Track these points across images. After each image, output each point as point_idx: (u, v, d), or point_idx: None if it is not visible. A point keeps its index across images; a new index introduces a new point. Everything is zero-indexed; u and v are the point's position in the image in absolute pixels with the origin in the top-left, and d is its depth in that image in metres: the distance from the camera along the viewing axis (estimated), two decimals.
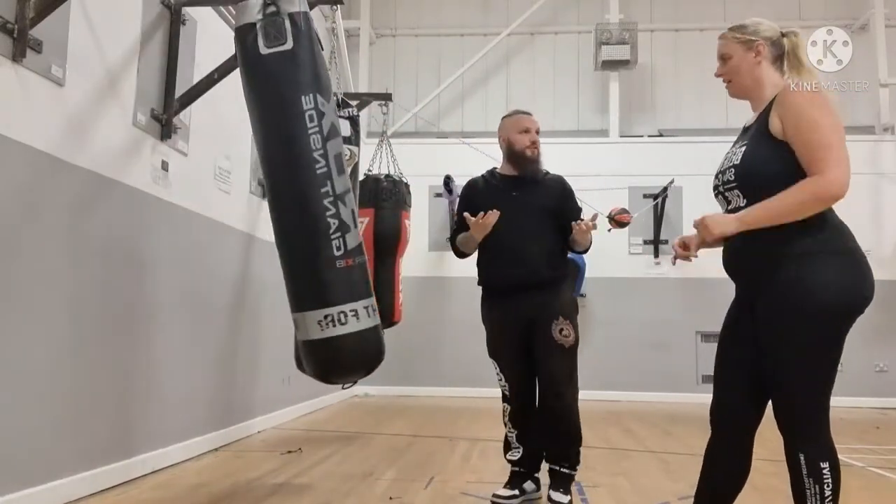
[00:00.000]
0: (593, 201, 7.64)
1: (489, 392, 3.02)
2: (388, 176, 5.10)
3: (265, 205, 5.21)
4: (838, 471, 1.95)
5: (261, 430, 5.02)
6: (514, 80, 9.15)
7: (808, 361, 1.96)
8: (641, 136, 8.91)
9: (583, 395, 3.09)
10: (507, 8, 9.15)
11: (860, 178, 8.27)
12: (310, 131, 2.55)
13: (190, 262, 4.05)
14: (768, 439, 2.34)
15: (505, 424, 3.25)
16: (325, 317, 2.57)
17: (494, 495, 3.13)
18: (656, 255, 8.42)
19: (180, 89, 3.83)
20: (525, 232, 3.09)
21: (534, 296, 3.09)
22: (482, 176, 3.37)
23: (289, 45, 2.53)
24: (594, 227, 3.09)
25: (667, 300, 8.21)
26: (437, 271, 8.47)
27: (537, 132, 3.27)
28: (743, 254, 2.02)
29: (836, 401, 1.89)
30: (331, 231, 2.57)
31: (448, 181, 8.10)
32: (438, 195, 8.40)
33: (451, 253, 3.43)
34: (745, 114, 2.43)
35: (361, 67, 8.96)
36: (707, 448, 2.18)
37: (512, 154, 3.23)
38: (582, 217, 3.17)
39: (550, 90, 9.10)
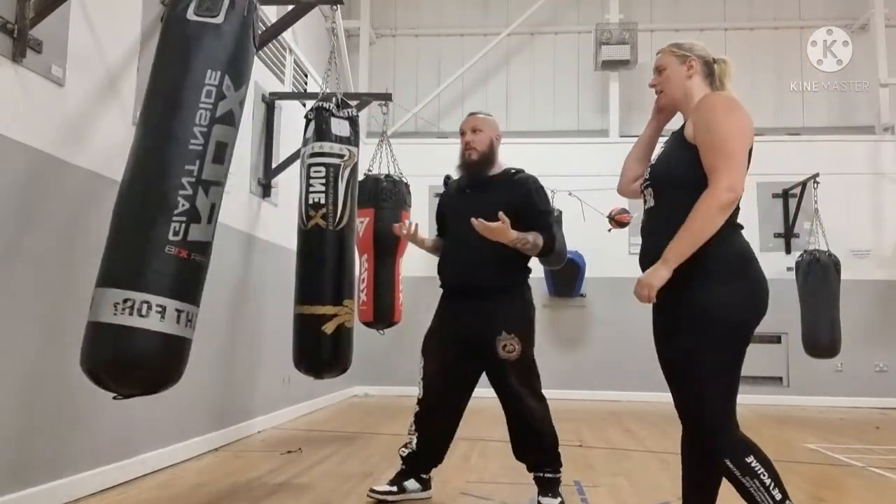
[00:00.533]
0: (593, 201, 7.65)
1: (489, 392, 3.01)
2: (388, 176, 5.10)
3: (265, 205, 5.23)
4: (765, 457, 2.03)
5: (261, 430, 5.02)
6: (514, 80, 9.15)
7: (717, 376, 2.05)
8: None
9: (583, 394, 3.09)
10: (507, 8, 9.15)
11: (860, 178, 8.38)
12: (200, 105, 2.35)
13: None
14: (768, 439, 2.35)
15: (410, 426, 3.18)
16: (126, 300, 2.16)
17: (372, 490, 3.08)
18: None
19: None
20: (473, 235, 2.89)
21: (477, 304, 3.00)
22: (448, 177, 3.43)
23: (219, 19, 2.42)
24: (494, 227, 2.82)
25: None
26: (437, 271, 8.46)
27: (473, 131, 3.12)
28: (654, 256, 2.10)
29: (836, 401, 1.88)
30: (175, 211, 2.26)
31: (448, 181, 8.10)
32: (438, 195, 8.40)
33: None
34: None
35: (361, 67, 8.97)
36: (681, 445, 2.26)
37: (460, 155, 3.21)
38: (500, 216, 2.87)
39: (550, 90, 9.10)
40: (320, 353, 3.52)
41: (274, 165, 5.29)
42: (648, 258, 2.13)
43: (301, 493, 3.28)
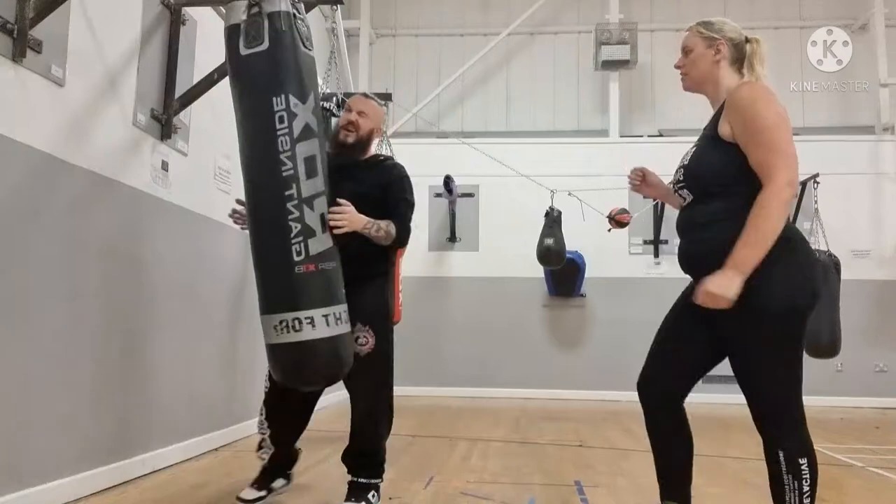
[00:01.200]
0: (593, 201, 7.65)
1: (489, 392, 3.00)
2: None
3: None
4: (816, 467, 1.99)
5: None
6: (514, 80, 9.15)
7: (777, 360, 1.99)
8: (641, 136, 8.91)
9: (583, 394, 3.08)
10: (507, 8, 9.15)
11: (860, 178, 8.38)
12: (278, 133, 2.51)
13: (190, 262, 4.05)
14: None
15: (261, 423, 3.01)
16: (280, 322, 2.52)
17: (239, 498, 2.90)
18: (656, 255, 8.42)
19: (180, 89, 3.83)
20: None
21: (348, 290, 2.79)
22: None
23: (264, 45, 2.52)
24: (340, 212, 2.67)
25: (667, 300, 8.05)
26: (437, 271, 8.47)
27: (360, 113, 2.96)
28: (696, 253, 2.10)
29: (836, 401, 1.89)
30: (292, 235, 2.51)
31: (448, 181, 8.10)
32: (438, 195, 8.40)
33: (452, 253, 3.44)
34: None
35: (361, 67, 8.97)
36: (648, 428, 2.27)
37: (333, 136, 3.05)
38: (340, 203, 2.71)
39: (550, 90, 9.10)
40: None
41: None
42: (689, 258, 2.12)
43: (301, 493, 3.28)
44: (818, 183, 7.38)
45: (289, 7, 2.59)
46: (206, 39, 4.17)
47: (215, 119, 4.32)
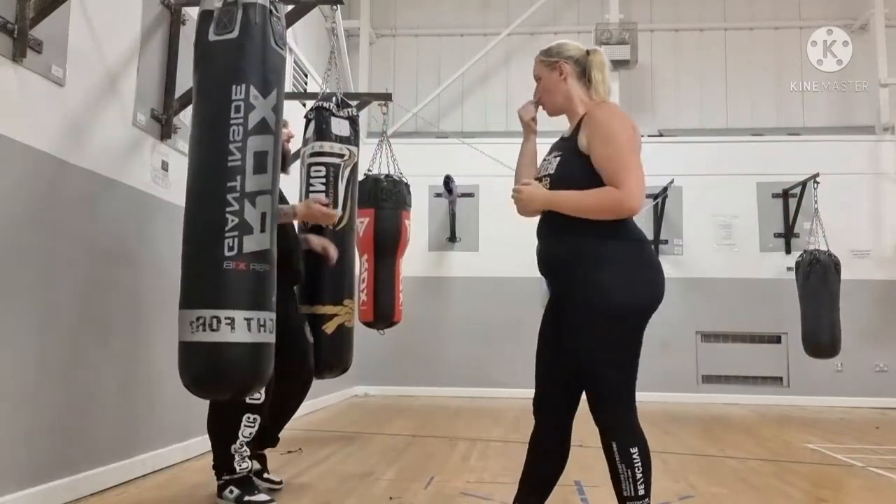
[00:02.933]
0: None
1: (489, 392, 3.01)
2: (388, 176, 5.10)
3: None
4: (648, 455, 2.15)
5: None
6: (514, 80, 9.15)
7: (611, 355, 2.14)
8: (641, 136, 8.89)
9: (583, 394, 3.06)
10: (507, 8, 9.15)
11: (860, 178, 8.38)
12: (232, 122, 2.42)
13: None
14: (768, 439, 2.35)
15: (241, 438, 2.94)
16: (198, 318, 2.34)
17: (250, 502, 2.90)
18: (656, 255, 8.41)
19: (180, 89, 3.82)
20: None
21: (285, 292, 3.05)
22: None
23: (234, 34, 2.46)
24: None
25: (667, 300, 8.03)
26: (437, 271, 8.47)
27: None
28: (551, 256, 2.24)
29: (836, 401, 1.89)
30: (226, 228, 2.37)
31: (448, 181, 8.10)
32: (438, 195, 8.40)
33: (452, 253, 3.46)
34: (745, 114, 2.45)
35: (361, 67, 8.97)
36: (532, 437, 2.36)
37: None
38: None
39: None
40: (320, 353, 3.53)
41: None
42: (548, 262, 2.26)
43: (301, 493, 3.28)
44: (818, 183, 7.39)
45: (265, 1, 2.55)
46: None
47: None
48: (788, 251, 8.16)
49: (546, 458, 2.34)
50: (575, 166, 2.19)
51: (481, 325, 8.26)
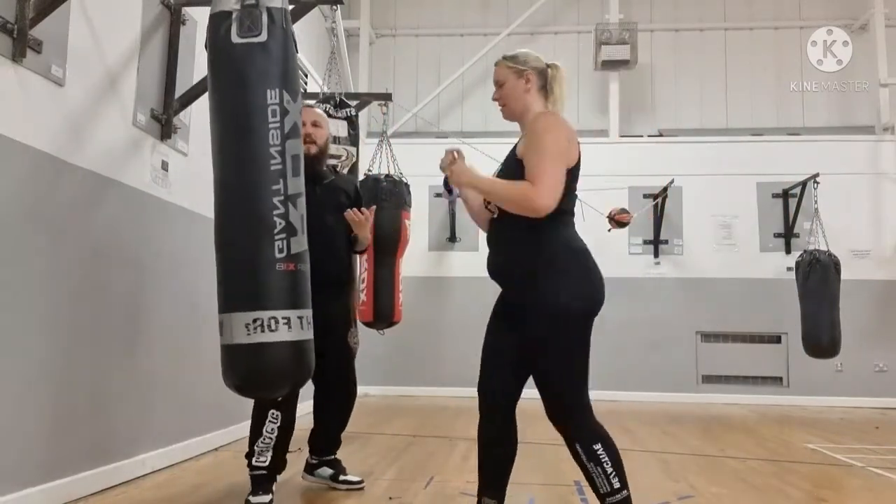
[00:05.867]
0: (593, 201, 7.64)
1: None
2: (388, 176, 5.09)
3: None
4: (612, 447, 2.23)
5: None
6: None
7: (568, 362, 2.22)
8: (641, 136, 8.90)
9: None
10: (507, 8, 9.15)
11: (860, 178, 8.38)
12: (270, 126, 2.44)
13: (190, 262, 4.04)
14: (768, 439, 2.35)
15: (265, 433, 3.02)
16: (255, 320, 2.38)
17: (250, 502, 2.94)
18: (656, 255, 8.42)
19: (180, 89, 3.83)
20: (318, 228, 2.95)
21: (333, 297, 3.13)
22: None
23: (263, 37, 2.45)
24: (367, 218, 3.15)
25: (667, 300, 8.21)
26: (437, 271, 8.47)
27: (315, 125, 3.17)
28: (502, 264, 2.33)
29: (836, 401, 1.89)
30: (276, 230, 2.42)
31: (448, 181, 8.09)
32: (438, 195, 8.40)
33: (452, 253, 3.49)
34: (745, 114, 2.45)
35: (361, 67, 8.96)
36: (479, 430, 2.42)
37: None
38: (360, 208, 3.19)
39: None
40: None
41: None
42: (499, 267, 2.33)
43: (301, 493, 3.28)
44: (818, 183, 7.38)
45: (287, 5, 2.57)
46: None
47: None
48: (788, 251, 8.16)
49: (503, 446, 2.39)
50: (514, 171, 2.27)
51: (481, 325, 8.19)
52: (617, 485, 2.17)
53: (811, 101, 8.78)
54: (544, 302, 2.19)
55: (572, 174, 2.26)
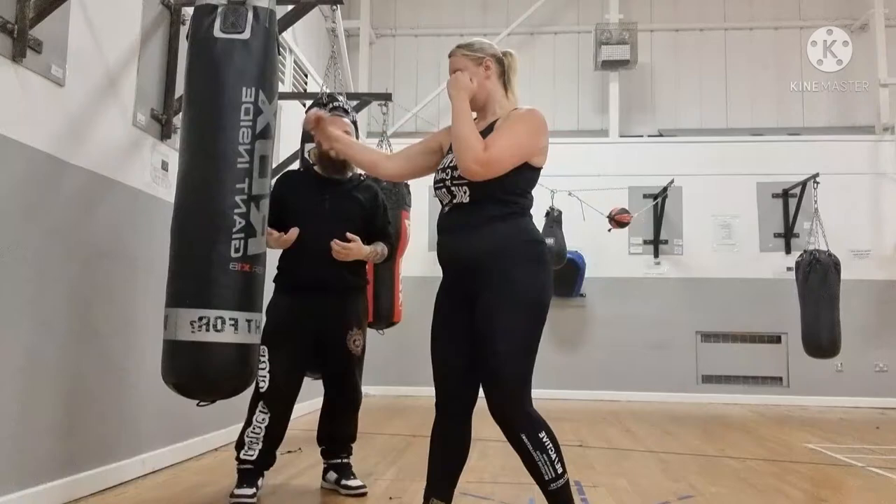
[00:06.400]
0: (593, 201, 7.65)
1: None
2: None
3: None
4: (553, 434, 2.23)
5: None
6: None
7: (521, 349, 2.21)
8: (641, 136, 8.91)
9: (583, 394, 3.10)
10: (507, 8, 9.15)
11: (860, 178, 8.39)
12: (241, 123, 2.42)
13: None
14: (768, 439, 2.35)
15: (254, 423, 3.11)
16: (201, 318, 2.33)
17: (234, 494, 3.02)
18: (656, 255, 8.42)
19: (180, 89, 3.79)
20: (326, 234, 3.07)
21: (331, 301, 3.16)
22: (299, 171, 3.38)
23: (245, 35, 2.45)
24: (351, 247, 3.09)
25: (667, 300, 8.21)
26: (437, 271, 8.38)
27: (346, 133, 3.18)
28: (466, 250, 2.27)
29: (836, 401, 1.88)
30: (234, 229, 2.38)
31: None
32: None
33: None
34: (745, 114, 2.45)
35: (361, 67, 8.97)
36: (433, 431, 2.41)
37: (319, 154, 3.21)
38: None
39: (550, 90, 9.10)
40: None
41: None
42: (460, 254, 2.28)
43: (301, 493, 3.28)
44: (818, 183, 7.38)
45: (273, 6, 2.55)
46: None
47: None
48: (788, 251, 8.17)
49: (452, 451, 2.39)
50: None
51: None
52: (560, 470, 2.20)
53: (811, 101, 8.78)
54: (513, 291, 2.19)
55: (535, 174, 2.31)
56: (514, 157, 2.21)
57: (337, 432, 3.37)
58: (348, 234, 3.09)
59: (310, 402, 6.25)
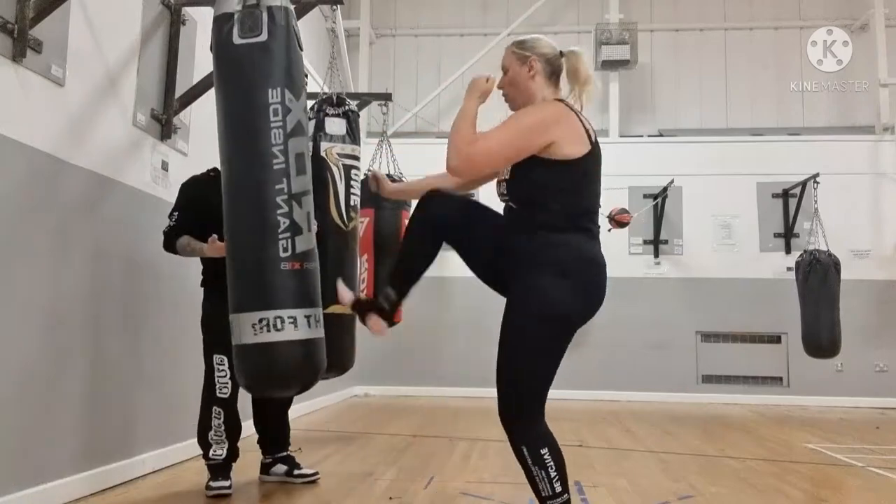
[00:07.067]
0: None
1: (489, 392, 3.00)
2: (388, 176, 5.09)
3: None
4: (558, 452, 2.14)
5: None
6: None
7: (530, 360, 2.15)
8: (641, 136, 8.91)
9: (583, 394, 3.10)
10: (507, 8, 9.15)
11: (860, 178, 8.38)
12: (272, 125, 2.45)
13: (190, 262, 4.03)
14: (768, 439, 2.35)
15: (214, 426, 3.23)
16: (261, 320, 2.39)
17: (211, 487, 3.15)
18: (656, 255, 8.42)
19: (180, 89, 3.83)
20: None
21: None
22: (206, 173, 3.31)
23: (263, 37, 2.47)
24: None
25: (667, 300, 8.21)
26: (436, 271, 8.36)
27: None
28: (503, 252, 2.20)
29: (836, 401, 1.88)
30: (279, 230, 2.43)
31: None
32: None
33: (452, 253, 3.43)
34: (745, 114, 2.45)
35: (361, 67, 8.96)
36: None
37: None
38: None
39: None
40: (339, 352, 3.69)
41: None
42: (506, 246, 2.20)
43: (301, 493, 3.28)
44: (818, 183, 7.39)
45: (288, 4, 2.57)
46: (206, 39, 4.15)
47: (215, 119, 4.31)
48: (788, 251, 8.16)
49: (426, 256, 2.33)
50: (531, 167, 2.15)
51: (481, 325, 8.23)
52: (559, 489, 2.12)
53: (811, 101, 8.78)
54: (529, 300, 2.12)
55: (568, 169, 2.13)
56: (504, 149, 2.10)
57: (282, 426, 3.52)
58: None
59: (309, 402, 6.26)
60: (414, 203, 2.41)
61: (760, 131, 8.74)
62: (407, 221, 5.43)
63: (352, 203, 3.69)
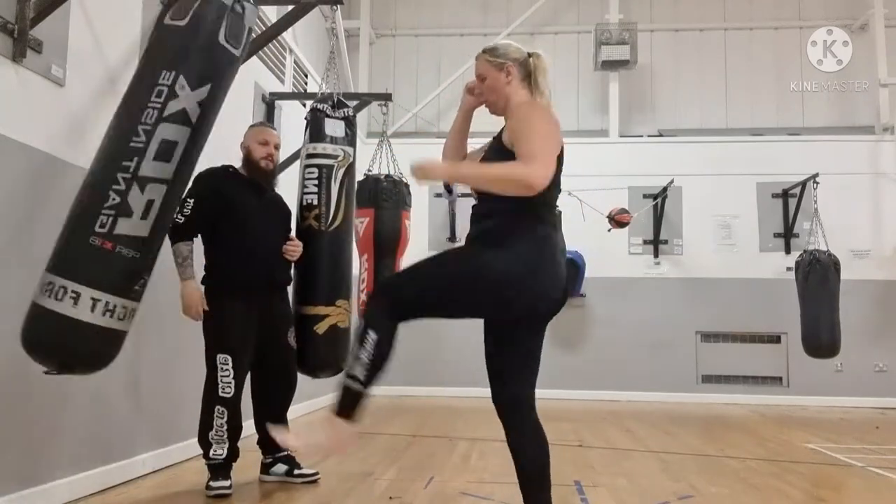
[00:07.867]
0: (593, 201, 7.65)
1: (489, 392, 2.99)
2: (388, 176, 5.09)
3: None
4: (386, 354, 2.17)
5: None
6: None
7: (416, 267, 2.24)
8: (641, 136, 8.91)
9: (583, 394, 3.10)
10: (507, 8, 9.15)
11: (860, 178, 8.38)
12: (149, 104, 2.43)
13: None
14: (768, 439, 2.34)
15: (216, 426, 3.23)
16: (49, 283, 2.32)
17: (212, 487, 3.16)
18: (656, 255, 8.42)
19: None
20: (272, 234, 3.39)
21: (276, 299, 3.42)
22: (223, 168, 3.38)
23: (184, 22, 2.51)
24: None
25: (667, 300, 8.21)
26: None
27: (276, 147, 3.44)
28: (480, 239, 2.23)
29: (836, 401, 1.88)
30: (105, 204, 2.36)
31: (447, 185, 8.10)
32: (438, 195, 8.40)
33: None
34: (745, 114, 2.45)
35: (361, 67, 8.97)
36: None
37: (249, 162, 3.39)
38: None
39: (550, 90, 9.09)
40: (313, 353, 3.56)
41: None
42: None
43: (301, 493, 3.28)
44: (818, 183, 7.39)
45: (229, 1, 2.55)
46: None
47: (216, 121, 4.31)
48: (788, 251, 8.17)
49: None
50: (498, 160, 2.17)
51: (481, 324, 8.25)
52: (361, 377, 2.14)
53: (811, 101, 8.78)
54: (482, 254, 2.14)
55: (558, 161, 2.18)
56: (549, 147, 2.11)
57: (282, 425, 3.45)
58: (292, 234, 3.42)
59: (309, 402, 6.25)
60: (414, 203, 2.41)
61: (760, 131, 8.75)
62: (407, 223, 5.33)
63: (304, 203, 3.64)
